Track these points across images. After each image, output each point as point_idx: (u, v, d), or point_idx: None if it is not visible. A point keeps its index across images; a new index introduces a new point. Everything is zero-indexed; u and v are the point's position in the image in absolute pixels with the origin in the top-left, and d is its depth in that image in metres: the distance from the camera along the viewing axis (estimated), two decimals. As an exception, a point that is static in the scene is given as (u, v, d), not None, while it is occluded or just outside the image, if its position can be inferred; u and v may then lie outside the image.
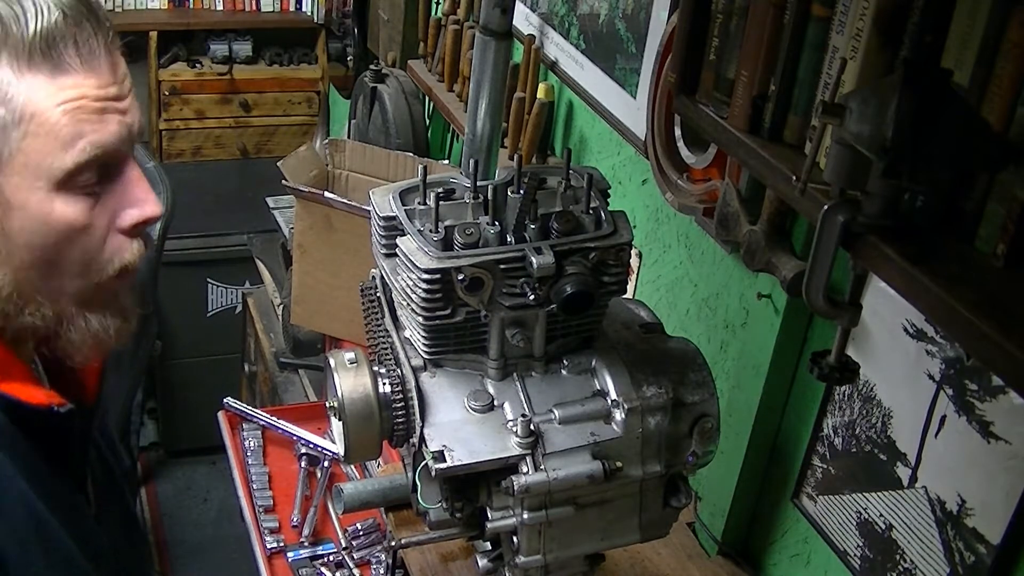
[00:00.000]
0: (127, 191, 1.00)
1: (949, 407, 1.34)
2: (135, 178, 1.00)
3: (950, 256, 1.01)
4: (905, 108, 0.93)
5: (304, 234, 2.47)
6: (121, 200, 1.00)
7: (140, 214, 1.01)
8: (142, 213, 1.01)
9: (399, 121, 2.88)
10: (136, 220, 1.01)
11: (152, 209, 1.01)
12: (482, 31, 1.42)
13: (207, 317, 3.82)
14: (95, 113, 0.95)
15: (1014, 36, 0.94)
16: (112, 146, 0.96)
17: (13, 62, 0.91)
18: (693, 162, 1.76)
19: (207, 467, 3.76)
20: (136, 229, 1.02)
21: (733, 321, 1.78)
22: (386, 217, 1.26)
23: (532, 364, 1.30)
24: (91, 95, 0.94)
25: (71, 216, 0.96)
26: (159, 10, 4.09)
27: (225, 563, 3.28)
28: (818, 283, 1.07)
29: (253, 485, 2.18)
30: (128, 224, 1.00)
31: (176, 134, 4.16)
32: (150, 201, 1.01)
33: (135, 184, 1.00)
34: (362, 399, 1.25)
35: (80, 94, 0.93)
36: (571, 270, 1.22)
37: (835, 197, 1.04)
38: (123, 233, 1.01)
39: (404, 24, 3.10)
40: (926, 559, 1.40)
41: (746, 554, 1.79)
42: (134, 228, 1.01)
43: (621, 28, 2.04)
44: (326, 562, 2.01)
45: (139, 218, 1.01)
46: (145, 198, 1.01)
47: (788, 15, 1.18)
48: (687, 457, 1.33)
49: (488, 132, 1.45)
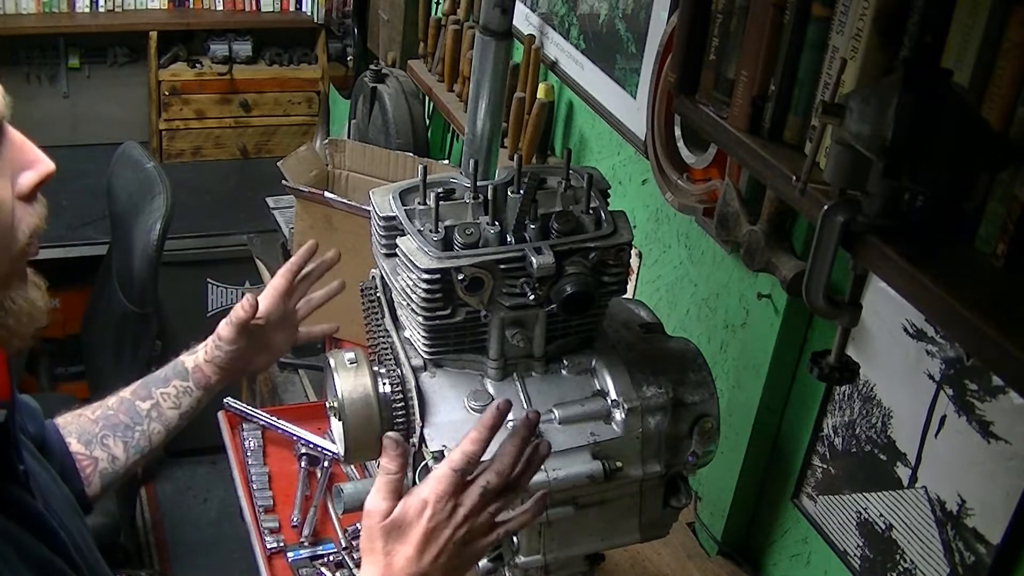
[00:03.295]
0: (15, 156, 0.97)
1: (949, 407, 1.34)
2: (19, 142, 0.98)
3: (950, 256, 1.01)
4: (905, 108, 0.93)
5: (304, 234, 2.47)
6: (14, 166, 0.97)
7: (37, 175, 0.98)
8: (39, 173, 0.98)
9: (399, 121, 2.88)
10: (35, 182, 0.98)
11: (46, 166, 0.98)
12: (482, 31, 1.42)
13: (207, 317, 3.82)
14: None
15: (1014, 36, 0.94)
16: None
17: None
18: (693, 162, 1.76)
19: (207, 467, 3.75)
20: (35, 192, 0.99)
21: (733, 321, 1.78)
22: (386, 217, 1.26)
23: (532, 364, 1.30)
24: None
25: None
26: (159, 10, 4.09)
27: (225, 563, 3.28)
28: (818, 283, 1.07)
29: (253, 485, 2.17)
30: (28, 187, 0.97)
31: (176, 134, 4.16)
32: (41, 159, 0.98)
33: (21, 147, 0.98)
34: (362, 399, 1.25)
35: None
36: (571, 270, 1.22)
37: (835, 197, 1.04)
38: (24, 199, 0.98)
39: (404, 24, 3.10)
40: (926, 559, 1.40)
41: (746, 554, 1.79)
42: (34, 191, 0.98)
43: (621, 28, 2.04)
44: (326, 562, 2.01)
45: (37, 179, 0.98)
46: (36, 157, 0.98)
47: (788, 15, 1.18)
48: (687, 457, 1.33)
49: (488, 132, 1.45)
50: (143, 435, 1.42)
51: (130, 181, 2.91)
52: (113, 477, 1.41)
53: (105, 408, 1.43)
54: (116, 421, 1.42)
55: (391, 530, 1.09)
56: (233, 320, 1.45)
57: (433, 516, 1.09)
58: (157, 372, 1.48)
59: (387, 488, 1.11)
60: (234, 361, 1.47)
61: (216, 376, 1.47)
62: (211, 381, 1.47)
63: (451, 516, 1.09)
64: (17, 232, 0.97)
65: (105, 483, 1.40)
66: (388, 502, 1.10)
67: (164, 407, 1.44)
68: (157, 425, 1.43)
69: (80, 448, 1.39)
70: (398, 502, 1.10)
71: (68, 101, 4.09)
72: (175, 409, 1.45)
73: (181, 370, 1.47)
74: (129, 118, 4.11)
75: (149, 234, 2.68)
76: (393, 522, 1.09)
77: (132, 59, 4.07)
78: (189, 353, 1.49)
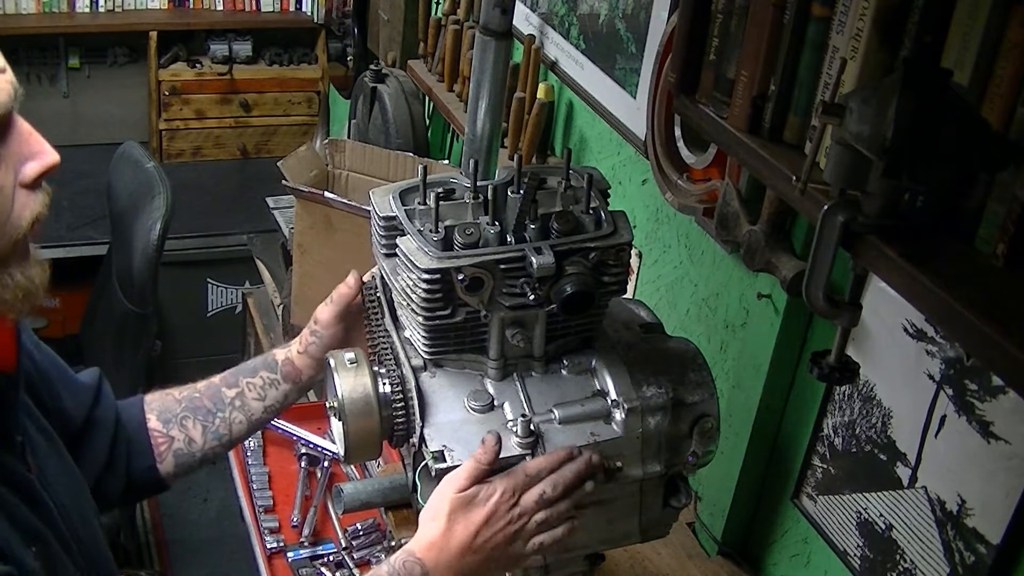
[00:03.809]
0: (22, 146, 1.02)
1: (949, 407, 1.34)
2: (26, 132, 1.03)
3: (950, 256, 1.01)
4: (905, 108, 0.93)
5: (304, 234, 2.48)
6: (19, 156, 1.02)
7: (40, 165, 1.03)
8: (42, 164, 1.03)
9: (399, 121, 2.88)
10: (38, 172, 1.03)
11: (50, 158, 1.04)
12: (482, 31, 1.42)
13: (207, 317, 3.82)
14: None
15: (1014, 36, 0.94)
16: (6, 106, 0.99)
17: None
18: (693, 162, 1.76)
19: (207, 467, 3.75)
20: (38, 181, 1.04)
21: (733, 321, 1.78)
22: (386, 217, 1.26)
23: (532, 364, 1.30)
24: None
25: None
26: (159, 10, 4.09)
27: (225, 563, 3.28)
28: (818, 283, 1.07)
29: (253, 485, 2.18)
30: (31, 177, 1.03)
31: (176, 134, 4.16)
32: (46, 151, 1.04)
33: (28, 138, 1.03)
34: (362, 399, 1.25)
35: None
36: (571, 270, 1.22)
37: (835, 197, 1.04)
38: (27, 188, 1.03)
39: (404, 24, 3.10)
40: (926, 559, 1.40)
41: (746, 554, 1.79)
42: (37, 180, 1.03)
43: (621, 28, 2.04)
44: (326, 562, 2.01)
45: (40, 169, 1.03)
46: (41, 149, 1.03)
47: (788, 15, 1.18)
48: (687, 457, 1.33)
49: (488, 132, 1.45)
50: (223, 422, 1.42)
51: (130, 181, 2.91)
52: (189, 459, 1.42)
53: (192, 390, 1.43)
54: (199, 404, 1.42)
55: (462, 503, 1.20)
56: (335, 298, 1.41)
57: (497, 505, 1.20)
58: (248, 362, 1.47)
59: (473, 472, 1.20)
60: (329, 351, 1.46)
61: (309, 370, 1.43)
62: (302, 375, 1.43)
63: (509, 510, 1.21)
64: (17, 217, 1.02)
65: (180, 463, 1.41)
66: (468, 481, 1.20)
67: (248, 397, 1.43)
68: (239, 415, 1.42)
69: (158, 425, 1.40)
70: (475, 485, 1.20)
71: (68, 101, 4.10)
72: (259, 400, 1.43)
73: (271, 361, 1.45)
74: (129, 118, 4.11)
75: (149, 234, 2.68)
76: (466, 496, 1.20)
77: (132, 59, 4.07)
78: (283, 347, 1.47)
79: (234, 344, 3.59)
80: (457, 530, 1.20)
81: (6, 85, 1.00)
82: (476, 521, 1.20)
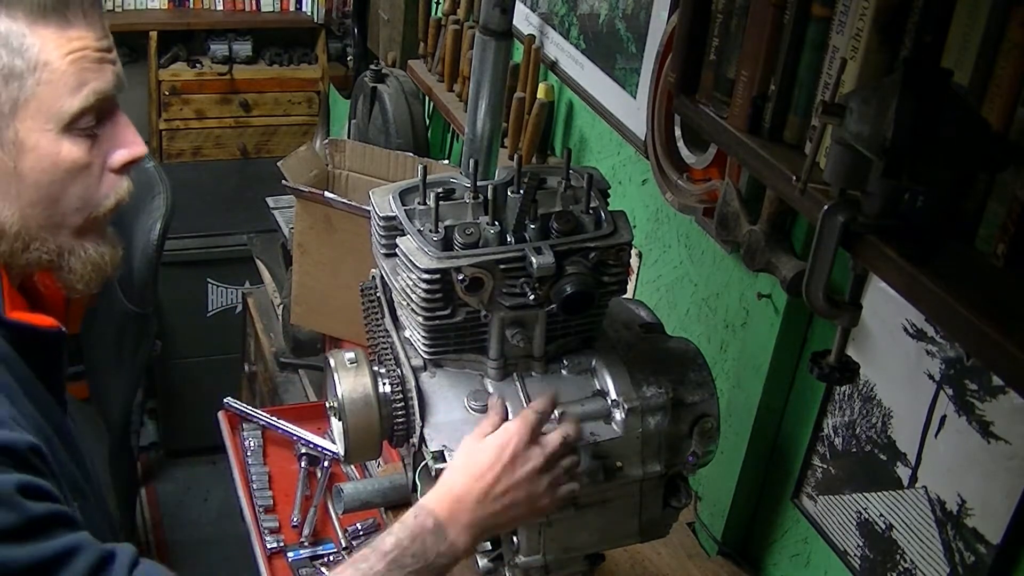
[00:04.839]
0: (117, 133, 1.12)
1: (949, 407, 1.34)
2: (123, 122, 1.13)
3: (950, 256, 1.01)
4: (905, 108, 0.93)
5: (304, 234, 2.47)
6: (113, 142, 1.12)
7: (129, 154, 1.13)
8: (131, 153, 1.13)
9: (399, 121, 2.88)
10: (126, 159, 1.13)
11: (140, 149, 1.14)
12: (482, 31, 1.42)
13: (207, 317, 3.81)
14: (95, 63, 1.08)
15: (1014, 36, 0.94)
16: (109, 92, 1.09)
17: (28, 18, 1.03)
18: (693, 162, 1.76)
19: (207, 467, 3.75)
20: (125, 168, 1.13)
21: (733, 321, 1.78)
22: (386, 217, 1.26)
23: (532, 364, 1.30)
24: (92, 47, 1.07)
25: (75, 155, 1.08)
26: (159, 10, 4.09)
27: (225, 563, 3.28)
28: (818, 283, 1.07)
29: (253, 485, 2.18)
30: (119, 163, 1.12)
31: (176, 134, 4.16)
32: (138, 142, 1.14)
33: (124, 127, 1.13)
34: (362, 399, 1.25)
35: (84, 45, 1.06)
36: (571, 270, 1.22)
37: (835, 197, 1.04)
38: (114, 172, 1.12)
39: (404, 24, 3.10)
40: (926, 559, 1.40)
41: (746, 554, 1.79)
42: (124, 167, 1.13)
43: (621, 28, 2.04)
44: (326, 562, 2.01)
45: (128, 157, 1.13)
46: (134, 140, 1.13)
47: (788, 15, 1.18)
48: (687, 457, 1.33)
49: (488, 132, 1.45)
50: None
51: (130, 181, 2.90)
52: None
53: None
54: None
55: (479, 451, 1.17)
56: None
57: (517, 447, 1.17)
58: None
59: (487, 428, 1.20)
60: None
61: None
62: None
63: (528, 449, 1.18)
64: (101, 196, 1.12)
65: None
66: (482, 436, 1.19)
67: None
68: None
69: None
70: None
71: (68, 101, 4.09)
72: None
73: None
74: (129, 118, 4.10)
75: (149, 234, 2.67)
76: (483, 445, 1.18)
77: (132, 59, 4.06)
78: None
79: (234, 344, 3.59)
80: (479, 477, 1.16)
81: (113, 74, 1.09)
82: (496, 467, 1.16)
